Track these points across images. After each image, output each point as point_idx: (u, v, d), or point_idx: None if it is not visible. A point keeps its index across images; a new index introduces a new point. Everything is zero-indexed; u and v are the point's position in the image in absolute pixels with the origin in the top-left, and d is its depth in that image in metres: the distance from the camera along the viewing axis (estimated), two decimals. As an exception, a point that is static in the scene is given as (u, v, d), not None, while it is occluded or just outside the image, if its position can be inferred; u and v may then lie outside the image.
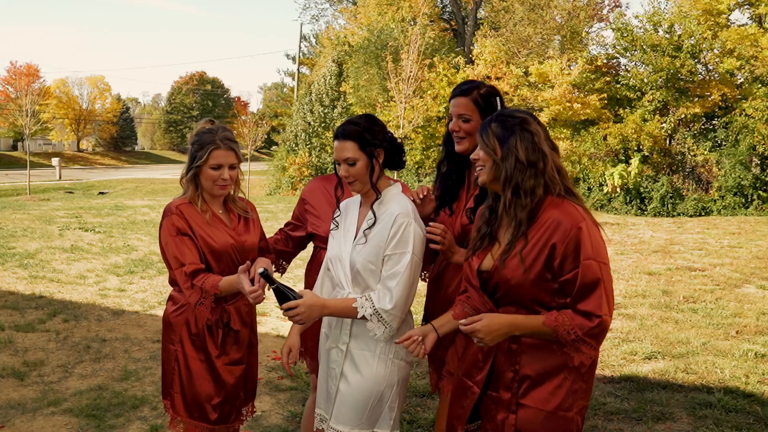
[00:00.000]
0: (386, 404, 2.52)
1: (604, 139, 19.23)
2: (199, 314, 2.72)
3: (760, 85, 17.83)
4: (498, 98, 2.65)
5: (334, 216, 2.69)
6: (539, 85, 20.03)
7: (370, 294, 2.44)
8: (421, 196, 2.69)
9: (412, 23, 23.49)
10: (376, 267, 2.46)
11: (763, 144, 17.08)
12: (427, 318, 2.91)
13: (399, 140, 2.61)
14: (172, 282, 2.81)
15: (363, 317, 2.42)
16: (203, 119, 2.85)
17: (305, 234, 3.13)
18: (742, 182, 17.28)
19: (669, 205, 17.77)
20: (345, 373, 2.52)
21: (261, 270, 2.39)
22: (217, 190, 2.72)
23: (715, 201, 17.67)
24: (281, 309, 2.41)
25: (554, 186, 2.12)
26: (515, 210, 2.10)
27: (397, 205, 2.51)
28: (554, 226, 2.06)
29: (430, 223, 2.54)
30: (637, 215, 17.62)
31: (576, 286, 2.04)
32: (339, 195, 2.70)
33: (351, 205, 2.68)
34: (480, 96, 2.62)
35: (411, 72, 19.16)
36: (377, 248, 2.46)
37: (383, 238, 2.46)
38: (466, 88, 2.64)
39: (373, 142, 2.50)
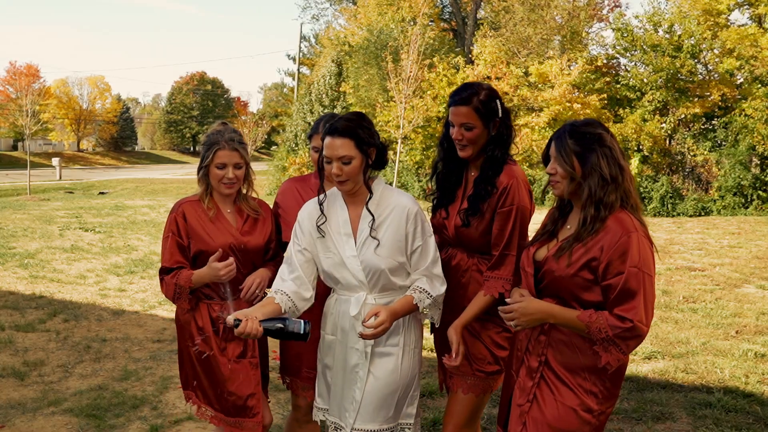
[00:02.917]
0: (409, 395, 2.56)
1: (604, 139, 19.21)
2: (180, 306, 2.82)
3: (759, 85, 17.81)
4: (498, 101, 2.61)
5: (318, 224, 2.53)
6: (539, 85, 20.01)
7: (421, 286, 2.46)
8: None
9: (412, 23, 23.47)
10: (403, 261, 2.47)
11: (763, 144, 17.07)
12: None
13: (383, 140, 2.55)
14: None
15: (423, 309, 2.47)
16: (217, 122, 2.96)
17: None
18: (742, 182, 17.27)
19: (669, 205, 17.76)
20: (372, 372, 2.49)
21: (232, 319, 2.27)
22: (224, 189, 2.81)
23: (714, 201, 17.65)
24: (299, 340, 2.34)
25: (629, 199, 2.20)
26: (594, 223, 2.15)
27: (398, 198, 2.50)
28: (606, 231, 2.13)
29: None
30: (637, 215, 17.63)
31: (617, 291, 2.09)
32: (322, 200, 2.56)
33: (331, 206, 2.55)
34: (480, 103, 2.57)
35: (411, 72, 19.14)
36: (398, 243, 2.44)
37: (401, 232, 2.44)
38: (466, 96, 2.57)
39: (368, 141, 2.43)
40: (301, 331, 2.31)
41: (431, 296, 2.47)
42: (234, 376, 2.82)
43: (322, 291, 2.72)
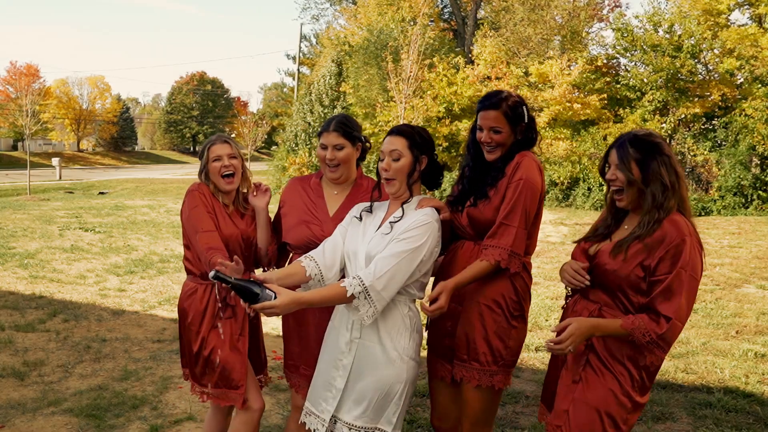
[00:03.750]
0: (392, 401, 2.53)
1: (604, 139, 19.24)
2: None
3: (760, 85, 17.82)
4: (525, 107, 2.72)
5: (361, 211, 2.70)
6: (539, 85, 20.02)
7: (359, 273, 2.42)
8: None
9: (412, 23, 23.46)
10: None
11: (763, 144, 17.07)
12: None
13: (442, 162, 2.67)
14: (186, 267, 3.06)
15: (352, 296, 2.38)
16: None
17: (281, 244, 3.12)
18: (742, 182, 17.26)
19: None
20: (354, 366, 2.53)
21: (212, 273, 2.29)
22: (224, 183, 2.98)
23: (715, 201, 17.65)
24: (252, 308, 2.30)
25: (684, 203, 2.34)
26: (653, 225, 2.29)
27: (426, 209, 2.58)
28: (662, 231, 2.27)
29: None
30: (637, 215, 17.63)
31: (662, 288, 2.24)
32: (376, 197, 2.74)
33: (380, 205, 2.72)
34: (509, 108, 2.68)
35: (411, 72, 19.15)
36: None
37: (405, 224, 2.52)
38: (495, 101, 2.70)
39: (421, 147, 2.59)
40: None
41: (363, 284, 2.38)
42: (222, 352, 2.94)
43: None
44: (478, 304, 2.69)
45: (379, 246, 2.50)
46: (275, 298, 2.29)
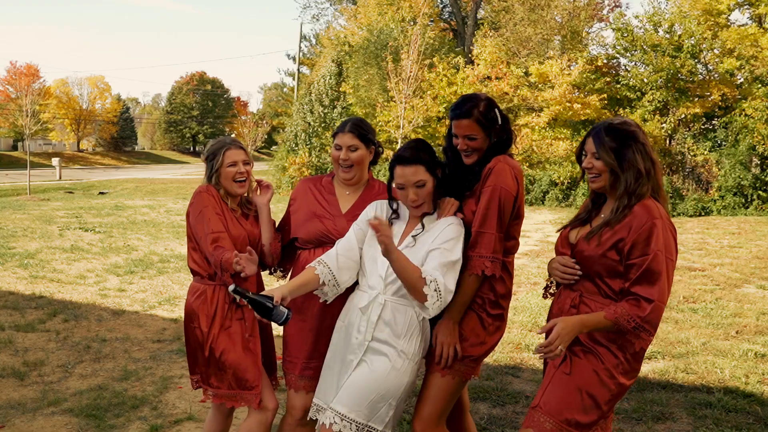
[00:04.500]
0: (387, 401, 2.56)
1: (604, 139, 19.22)
2: (226, 279, 2.91)
3: (760, 85, 17.82)
4: (497, 109, 2.73)
5: (390, 217, 2.75)
6: (539, 85, 20.02)
7: (436, 276, 2.47)
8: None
9: (412, 23, 23.46)
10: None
11: (763, 144, 17.07)
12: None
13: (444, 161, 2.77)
14: (192, 269, 3.05)
15: (424, 294, 2.46)
16: (212, 139, 3.20)
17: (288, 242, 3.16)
18: (742, 182, 17.26)
19: (669, 205, 17.75)
20: (362, 361, 2.59)
21: (232, 287, 2.48)
22: (236, 187, 3.02)
23: (715, 201, 17.64)
24: (263, 320, 2.54)
25: (659, 190, 2.39)
26: (621, 211, 2.35)
27: (454, 219, 2.65)
28: (633, 216, 2.31)
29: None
30: (637, 215, 17.61)
31: (640, 271, 2.27)
32: (396, 208, 2.79)
33: (400, 215, 2.77)
34: (481, 114, 2.69)
35: (411, 72, 19.15)
36: (426, 252, 2.57)
37: (430, 239, 2.57)
38: (466, 109, 2.70)
39: (435, 166, 2.64)
40: (279, 322, 2.51)
41: (438, 286, 2.47)
42: (235, 353, 2.94)
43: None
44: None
45: (411, 258, 2.54)
46: (288, 314, 2.49)
